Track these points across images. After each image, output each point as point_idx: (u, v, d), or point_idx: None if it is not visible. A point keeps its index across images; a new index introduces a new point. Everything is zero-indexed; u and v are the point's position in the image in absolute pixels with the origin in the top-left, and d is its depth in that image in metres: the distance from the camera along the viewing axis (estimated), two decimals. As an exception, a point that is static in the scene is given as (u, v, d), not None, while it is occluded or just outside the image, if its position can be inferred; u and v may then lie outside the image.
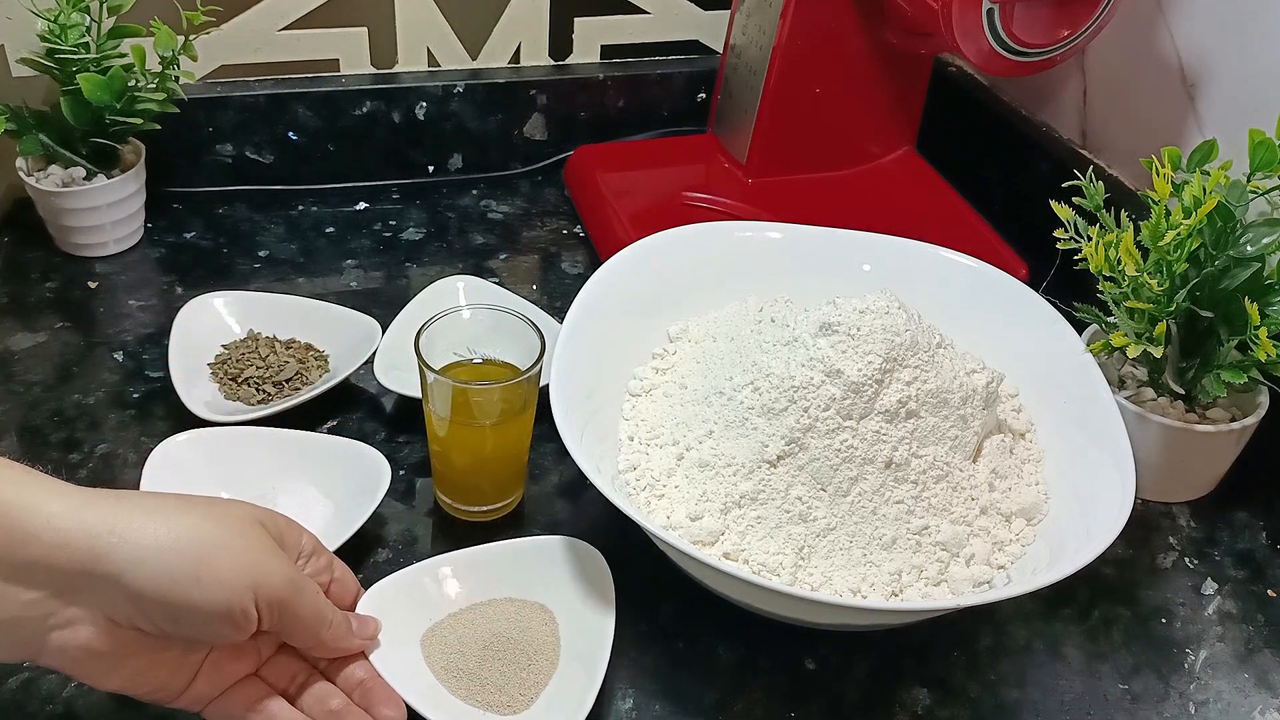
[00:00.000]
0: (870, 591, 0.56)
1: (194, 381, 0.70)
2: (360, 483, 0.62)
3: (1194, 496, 0.71)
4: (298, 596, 0.48)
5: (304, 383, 0.71)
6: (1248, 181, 0.63)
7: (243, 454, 0.64)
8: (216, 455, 0.63)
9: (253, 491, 0.62)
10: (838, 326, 0.58)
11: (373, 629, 0.53)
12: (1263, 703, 0.59)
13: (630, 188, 0.90)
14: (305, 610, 0.49)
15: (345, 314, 0.75)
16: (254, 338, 0.74)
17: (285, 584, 0.47)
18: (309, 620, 0.49)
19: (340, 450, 0.65)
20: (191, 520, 0.45)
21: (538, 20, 0.96)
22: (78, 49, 0.78)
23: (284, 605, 0.47)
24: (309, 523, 0.57)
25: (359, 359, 0.71)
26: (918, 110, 0.94)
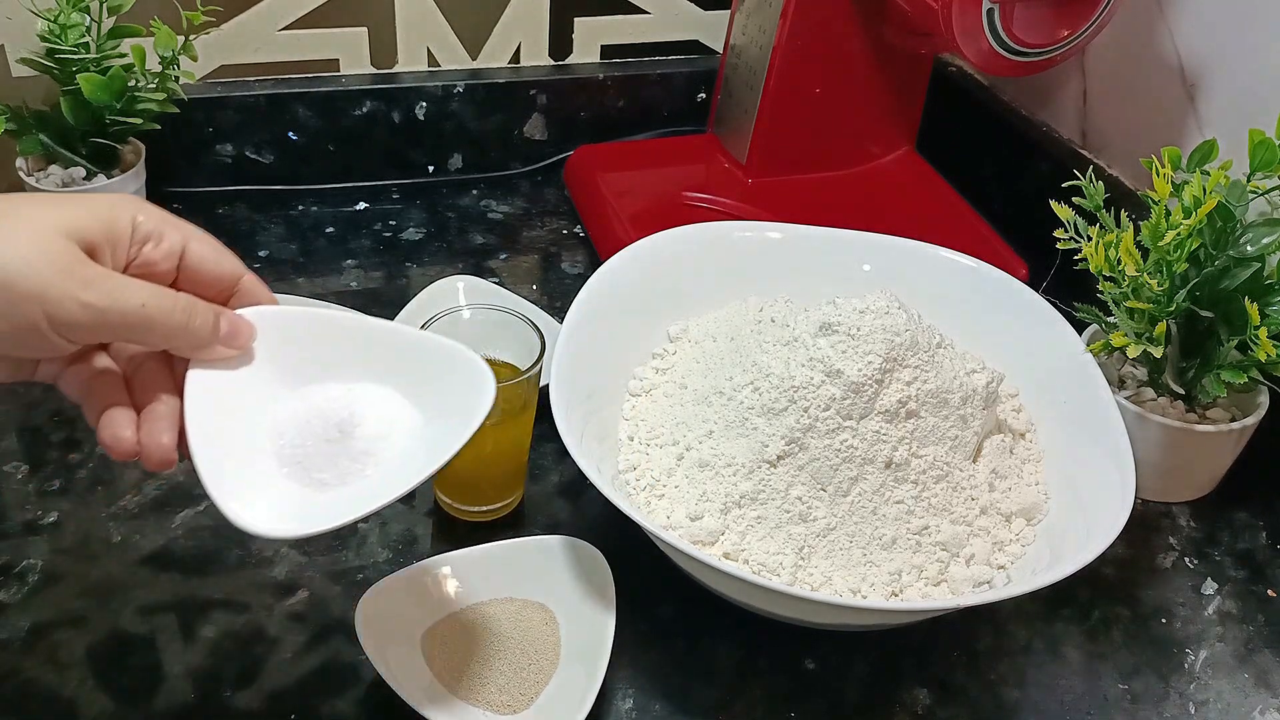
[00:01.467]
0: (870, 591, 0.56)
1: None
2: (457, 395, 0.49)
3: (1194, 496, 0.71)
4: (101, 319, 0.42)
5: None
6: (1248, 181, 0.63)
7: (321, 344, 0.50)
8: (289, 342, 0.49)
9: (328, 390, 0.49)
10: (838, 326, 0.58)
11: (245, 336, 0.47)
12: (1262, 703, 0.59)
13: (630, 188, 0.90)
14: (123, 327, 0.43)
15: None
16: None
17: (81, 310, 0.42)
18: (138, 334, 0.44)
19: (436, 351, 0.51)
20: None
21: (538, 20, 0.96)
22: (78, 49, 0.78)
23: (88, 329, 0.42)
24: (391, 439, 0.49)
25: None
26: (918, 110, 0.94)
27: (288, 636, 0.57)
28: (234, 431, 0.47)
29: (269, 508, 0.45)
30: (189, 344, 0.45)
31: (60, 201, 0.44)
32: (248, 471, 0.46)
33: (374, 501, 0.45)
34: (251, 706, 0.54)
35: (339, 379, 0.50)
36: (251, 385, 0.48)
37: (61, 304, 0.41)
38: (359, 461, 0.48)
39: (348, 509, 0.45)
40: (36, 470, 0.66)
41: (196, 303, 0.45)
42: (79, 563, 0.60)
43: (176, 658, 0.56)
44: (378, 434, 0.49)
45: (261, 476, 0.46)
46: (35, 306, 0.41)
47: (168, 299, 0.44)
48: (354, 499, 0.46)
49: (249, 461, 0.46)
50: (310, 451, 0.48)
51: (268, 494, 0.46)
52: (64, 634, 0.57)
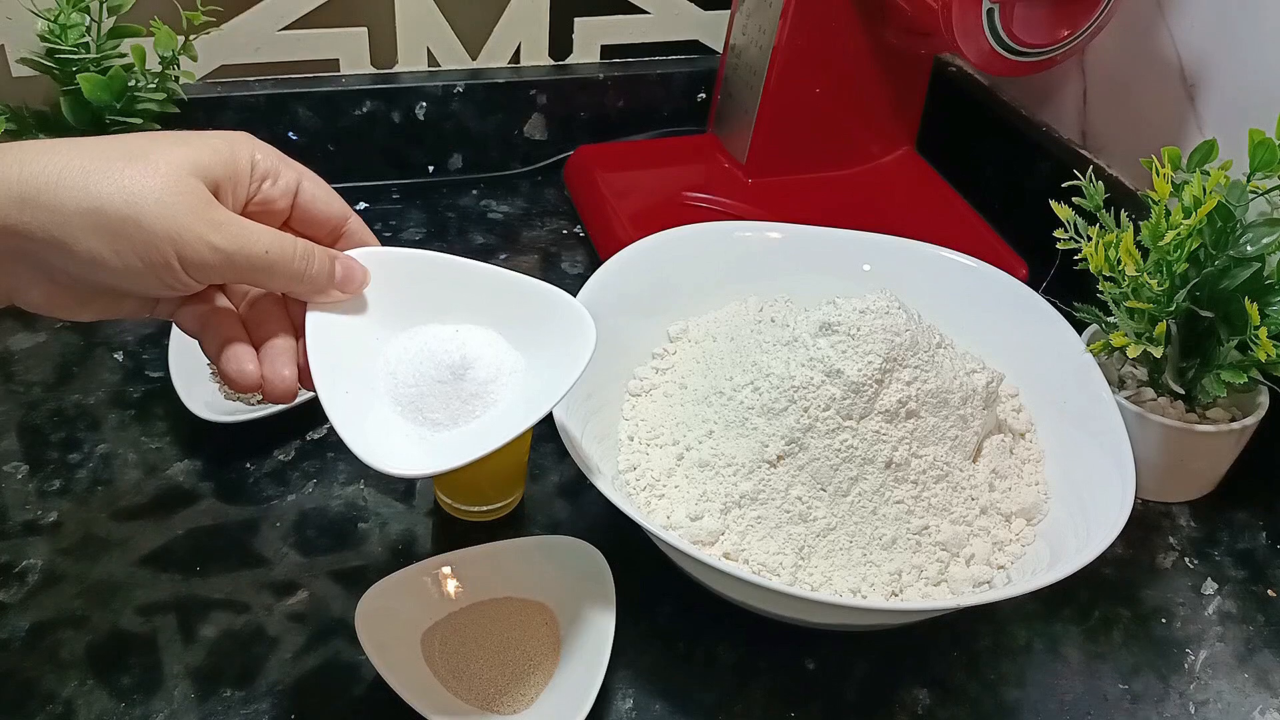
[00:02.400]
0: (870, 591, 0.56)
1: (194, 381, 0.70)
2: (560, 341, 0.50)
3: (1194, 496, 0.71)
4: (229, 262, 0.44)
5: None
6: (1248, 181, 0.63)
7: (428, 285, 0.51)
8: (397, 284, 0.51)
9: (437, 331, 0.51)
10: (838, 326, 0.58)
11: (359, 279, 0.49)
12: (1263, 703, 0.59)
13: (630, 188, 0.90)
14: (249, 271, 0.45)
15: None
16: None
17: (211, 253, 0.43)
18: (261, 278, 0.46)
19: (538, 296, 0.52)
20: (108, 186, 0.42)
21: (538, 20, 0.96)
22: (78, 49, 0.78)
23: (216, 269, 0.44)
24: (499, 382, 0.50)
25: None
26: (918, 110, 0.94)
27: (288, 636, 0.57)
28: (352, 370, 0.48)
29: (392, 447, 0.47)
30: (308, 288, 0.47)
31: (188, 140, 0.45)
32: (368, 412, 0.48)
33: (492, 441, 0.47)
34: (251, 706, 0.54)
35: (445, 320, 0.51)
36: (365, 325, 0.49)
37: (193, 245, 0.43)
38: (469, 404, 0.50)
39: (469, 448, 0.47)
40: (36, 470, 0.66)
41: (315, 249, 0.47)
42: (79, 563, 0.60)
43: (176, 658, 0.56)
44: (487, 377, 0.50)
45: (380, 416, 0.48)
46: (168, 246, 0.42)
47: (289, 245, 0.46)
48: (472, 438, 0.48)
49: (368, 402, 0.48)
50: (425, 392, 0.49)
51: (390, 434, 0.47)
52: (64, 634, 0.57)
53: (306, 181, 0.49)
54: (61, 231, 0.42)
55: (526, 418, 0.48)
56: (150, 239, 0.42)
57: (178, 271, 0.43)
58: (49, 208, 0.41)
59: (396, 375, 0.50)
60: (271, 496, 0.65)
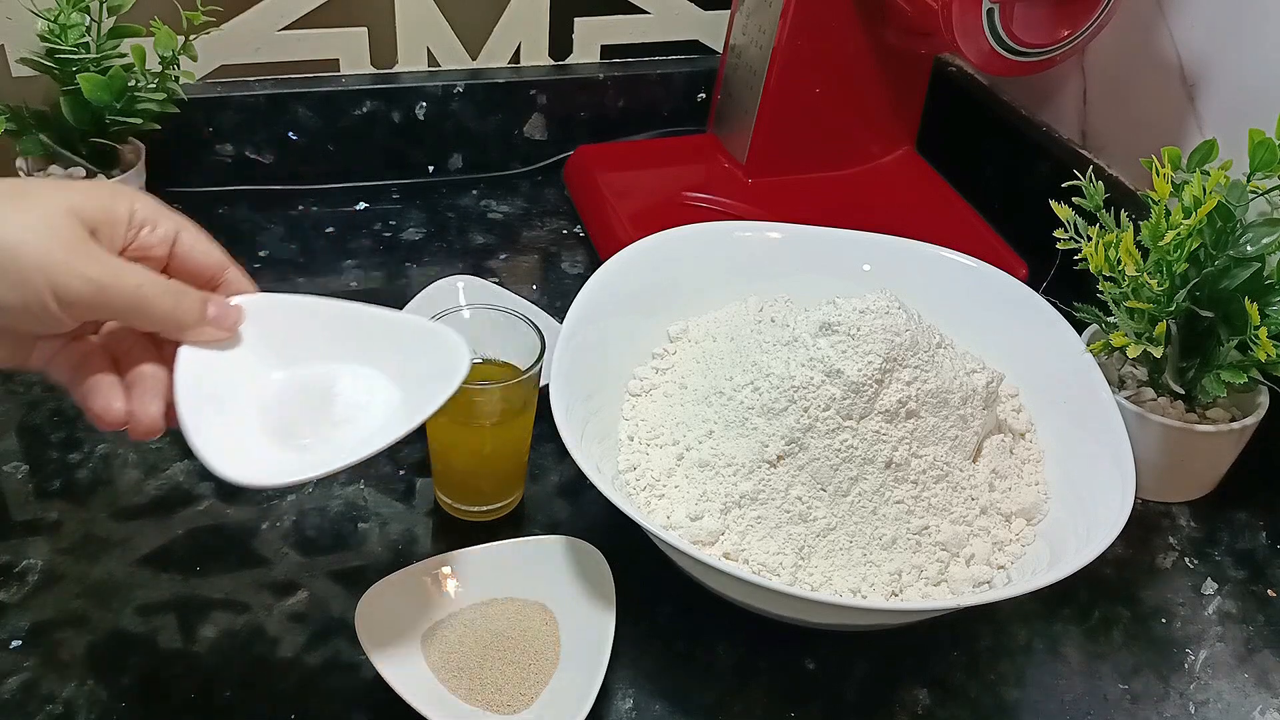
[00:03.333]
0: (870, 591, 0.56)
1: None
2: (433, 366, 0.52)
3: (1194, 496, 0.71)
4: (101, 295, 0.45)
5: None
6: (1248, 181, 0.63)
7: (304, 328, 0.53)
8: (273, 328, 0.52)
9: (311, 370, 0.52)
10: (838, 326, 0.58)
11: (231, 319, 0.50)
12: (1263, 703, 0.59)
13: (630, 188, 0.90)
14: (119, 305, 0.46)
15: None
16: None
17: (82, 285, 0.44)
18: (131, 313, 0.46)
19: (414, 331, 0.54)
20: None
21: (538, 20, 0.96)
22: (78, 49, 0.78)
23: (88, 302, 0.45)
24: (371, 409, 0.51)
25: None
26: (918, 110, 0.94)
27: (288, 636, 0.57)
28: (220, 402, 0.48)
29: (250, 463, 0.47)
30: (177, 325, 0.48)
31: (66, 185, 0.46)
32: (233, 436, 0.48)
33: (348, 457, 0.48)
34: (251, 706, 0.54)
35: (322, 359, 0.52)
36: (239, 364, 0.50)
37: (67, 278, 0.44)
38: (339, 428, 0.50)
39: (323, 461, 0.48)
40: (36, 470, 0.66)
41: (186, 288, 0.48)
42: (79, 563, 0.60)
43: (176, 658, 0.56)
44: (357, 404, 0.51)
45: (246, 440, 0.48)
46: (43, 278, 0.43)
47: (160, 282, 0.47)
48: (330, 454, 0.48)
49: (234, 429, 0.48)
50: (293, 418, 0.50)
51: (251, 453, 0.48)
52: (64, 634, 0.57)
53: (185, 232, 0.50)
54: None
55: (393, 434, 0.49)
56: (25, 271, 0.43)
57: (50, 305, 0.44)
58: None
59: (268, 407, 0.50)
60: (271, 496, 0.65)
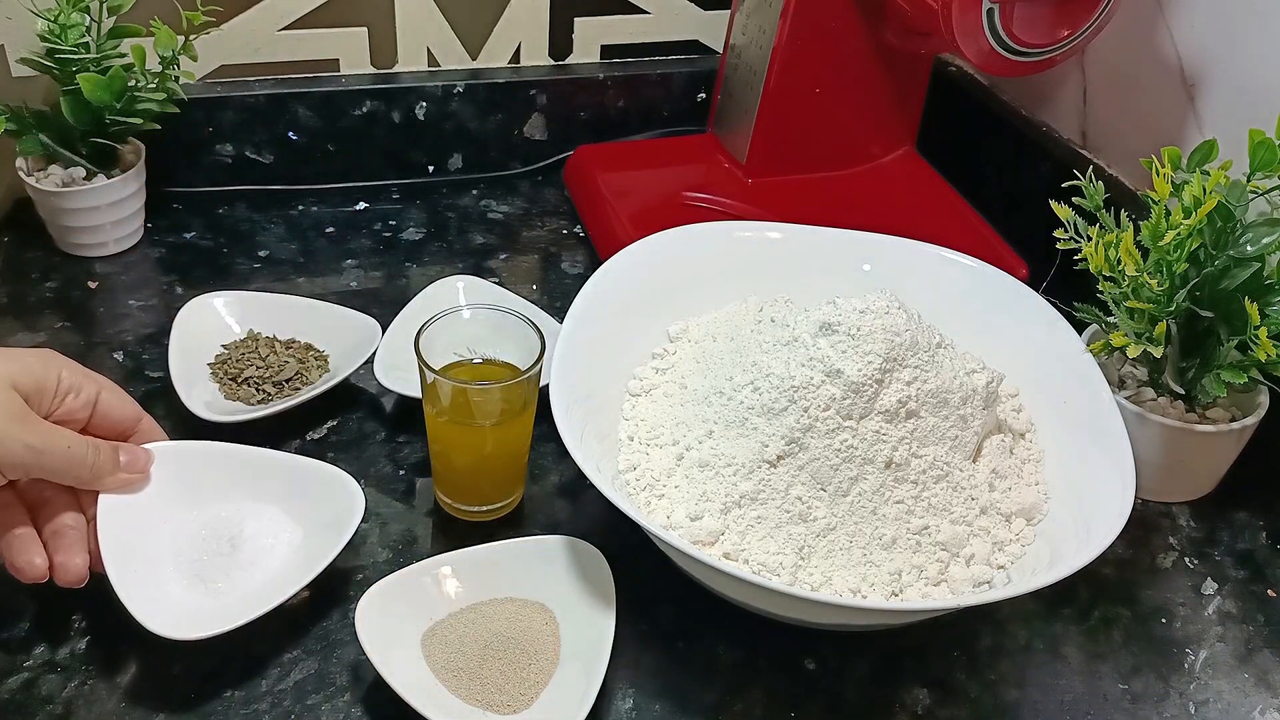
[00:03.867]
0: (870, 591, 0.56)
1: (194, 382, 0.70)
2: (333, 513, 0.59)
3: (1194, 496, 0.71)
4: (38, 459, 0.52)
5: (304, 382, 0.71)
6: (1248, 181, 0.63)
7: (212, 472, 0.60)
8: (184, 472, 0.59)
9: (219, 511, 0.59)
10: (838, 326, 0.58)
11: (142, 462, 0.57)
12: (1263, 703, 0.59)
13: (630, 188, 0.90)
14: (52, 465, 0.53)
15: (345, 314, 0.75)
16: (254, 338, 0.74)
17: (23, 451, 0.51)
18: (60, 472, 0.53)
19: (314, 474, 0.61)
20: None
21: (538, 20, 0.96)
22: (78, 49, 0.78)
23: (26, 468, 0.52)
24: (275, 551, 0.59)
25: (359, 359, 0.71)
26: (918, 110, 0.94)
27: (288, 636, 0.57)
28: (140, 550, 0.56)
29: (173, 614, 0.54)
30: (96, 476, 0.55)
31: (7, 356, 0.53)
32: (154, 584, 0.55)
33: (259, 608, 0.54)
34: (251, 707, 0.54)
35: (229, 501, 0.60)
36: (152, 508, 0.57)
37: (10, 444, 0.50)
38: (247, 571, 0.57)
39: (236, 614, 0.54)
40: (36, 470, 0.66)
41: (101, 443, 0.55)
42: (79, 563, 0.60)
43: (177, 657, 0.56)
44: (262, 547, 0.58)
45: (167, 587, 0.56)
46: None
47: (83, 442, 0.54)
48: (241, 605, 0.55)
49: (154, 576, 0.56)
50: (205, 564, 0.57)
51: (172, 602, 0.55)
52: (64, 633, 0.57)
53: (105, 392, 0.57)
54: None
55: (297, 583, 0.56)
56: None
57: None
58: None
59: (181, 550, 0.58)
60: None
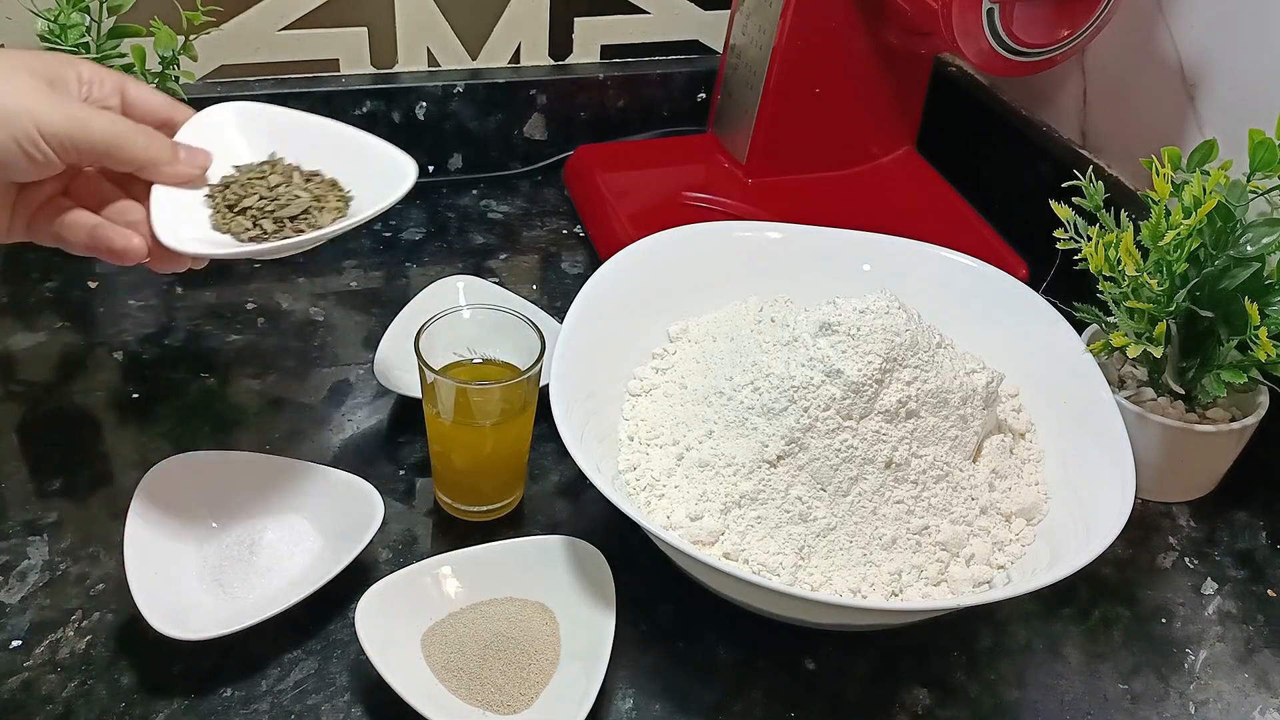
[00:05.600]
0: (870, 591, 0.56)
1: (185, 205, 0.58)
2: (353, 519, 0.60)
3: (1194, 496, 0.71)
4: (81, 127, 0.50)
5: (310, 225, 0.59)
6: (1248, 181, 0.63)
7: (234, 481, 0.62)
8: (207, 481, 0.61)
9: (240, 520, 0.61)
10: (838, 326, 0.58)
11: (201, 159, 0.56)
12: (1263, 703, 0.59)
13: (630, 188, 0.90)
14: (101, 139, 0.51)
15: (382, 149, 0.64)
16: (273, 164, 0.61)
17: (64, 119, 0.49)
18: (111, 150, 0.51)
19: (339, 485, 0.62)
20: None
21: (538, 20, 0.96)
22: (78, 49, 0.78)
23: (72, 138, 0.50)
24: (294, 558, 0.59)
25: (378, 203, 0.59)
26: (918, 110, 0.94)
27: (288, 636, 0.57)
28: (162, 556, 0.57)
29: (184, 617, 0.55)
30: (152, 161, 0.54)
31: (15, 52, 0.51)
32: (172, 589, 0.56)
33: (263, 613, 0.55)
34: (251, 707, 0.54)
35: (254, 509, 0.61)
36: (179, 515, 0.59)
37: (50, 114, 0.49)
38: (264, 577, 0.58)
39: (243, 617, 0.55)
40: (36, 470, 0.66)
41: (154, 131, 0.54)
42: (79, 563, 0.60)
43: (176, 657, 0.56)
44: (281, 555, 0.59)
45: (184, 592, 0.57)
46: (27, 116, 0.49)
47: (130, 124, 0.53)
48: (253, 609, 0.55)
49: (174, 580, 0.57)
50: (225, 570, 0.58)
51: (187, 606, 0.56)
52: (64, 634, 0.57)
53: (130, 84, 0.55)
54: None
55: (315, 583, 0.56)
56: (8, 111, 0.48)
57: (38, 139, 0.49)
58: None
59: (206, 559, 0.59)
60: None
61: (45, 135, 0.49)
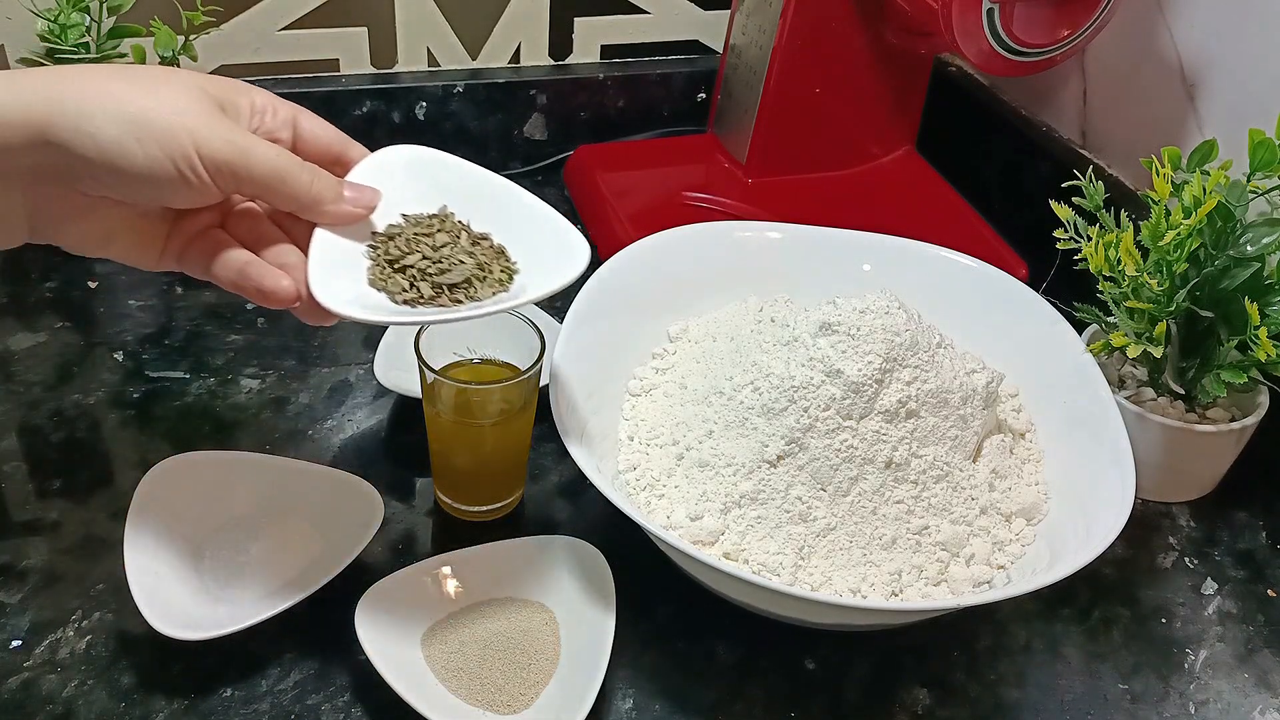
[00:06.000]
0: (870, 591, 0.56)
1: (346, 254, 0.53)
2: (353, 519, 0.60)
3: (1194, 496, 0.71)
4: (243, 156, 0.47)
5: (469, 295, 0.53)
6: (1248, 181, 0.63)
7: (235, 481, 0.62)
8: (208, 481, 0.61)
9: (240, 520, 0.61)
10: (838, 326, 0.58)
11: (368, 199, 0.52)
12: (1263, 703, 0.59)
13: (630, 188, 0.90)
14: (261, 173, 0.47)
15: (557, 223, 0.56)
16: (443, 218, 0.56)
17: (225, 145, 0.46)
18: (272, 185, 0.48)
19: (335, 484, 0.62)
20: (127, 88, 0.45)
21: (538, 20, 0.96)
22: (78, 49, 0.78)
23: (231, 166, 0.47)
24: (295, 557, 0.59)
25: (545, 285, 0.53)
26: (918, 110, 0.94)
27: (288, 636, 0.57)
28: (162, 553, 0.58)
29: (183, 616, 0.55)
30: (315, 200, 0.50)
31: (188, 71, 0.49)
32: (170, 587, 0.57)
33: (262, 613, 0.55)
34: (251, 707, 0.54)
35: (255, 508, 0.61)
36: (180, 514, 0.59)
37: (211, 140, 0.46)
38: (261, 577, 0.58)
39: (240, 618, 0.55)
40: (36, 470, 0.66)
41: (319, 168, 0.50)
42: (79, 563, 0.60)
43: (176, 657, 0.56)
44: (280, 554, 0.60)
45: (181, 590, 0.57)
46: (189, 139, 0.46)
47: (295, 159, 0.49)
48: (250, 609, 0.56)
49: (172, 579, 0.57)
50: (223, 569, 0.59)
51: (185, 604, 0.56)
52: (64, 634, 0.57)
53: (303, 115, 0.53)
54: (87, 123, 0.44)
55: (306, 588, 0.56)
56: (172, 132, 0.45)
57: (197, 164, 0.46)
58: (75, 100, 0.44)
59: (203, 557, 0.59)
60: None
61: (204, 159, 0.46)
